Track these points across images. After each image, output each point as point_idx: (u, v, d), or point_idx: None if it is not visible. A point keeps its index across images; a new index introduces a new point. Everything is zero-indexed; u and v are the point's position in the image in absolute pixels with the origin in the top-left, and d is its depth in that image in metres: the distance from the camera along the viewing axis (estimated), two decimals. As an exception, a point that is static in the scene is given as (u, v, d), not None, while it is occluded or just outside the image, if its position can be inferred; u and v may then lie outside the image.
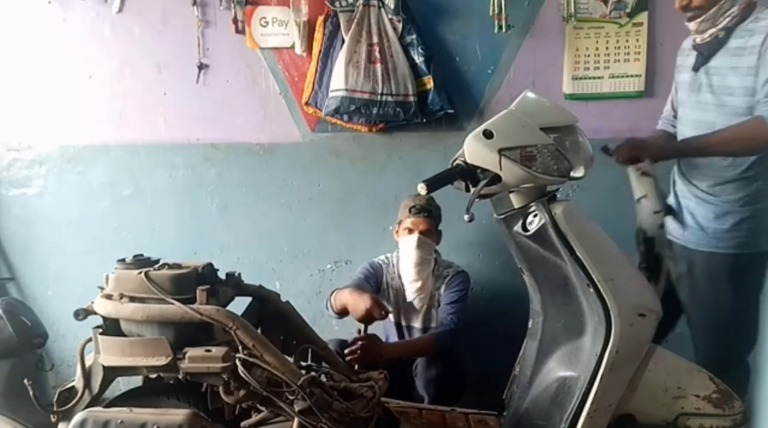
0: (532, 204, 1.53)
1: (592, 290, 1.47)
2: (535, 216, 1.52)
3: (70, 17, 2.80)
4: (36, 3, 2.79)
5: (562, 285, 1.57)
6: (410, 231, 2.43)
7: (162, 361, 1.61)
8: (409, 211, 2.44)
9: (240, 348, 1.63)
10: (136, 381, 1.90)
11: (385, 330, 2.63)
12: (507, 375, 1.98)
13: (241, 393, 1.60)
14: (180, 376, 1.62)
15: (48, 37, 2.82)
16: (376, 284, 2.54)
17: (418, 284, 2.43)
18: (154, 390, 1.83)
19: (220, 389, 1.63)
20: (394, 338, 2.58)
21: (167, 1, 2.77)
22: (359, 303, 2.18)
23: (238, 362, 1.59)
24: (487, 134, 1.47)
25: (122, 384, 2.03)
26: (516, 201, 1.57)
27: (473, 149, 1.48)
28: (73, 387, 1.76)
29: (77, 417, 1.57)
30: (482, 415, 2.03)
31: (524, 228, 1.55)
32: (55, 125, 2.88)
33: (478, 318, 2.64)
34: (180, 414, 1.56)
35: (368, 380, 1.87)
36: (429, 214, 2.43)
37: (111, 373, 1.73)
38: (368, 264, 2.59)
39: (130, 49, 2.81)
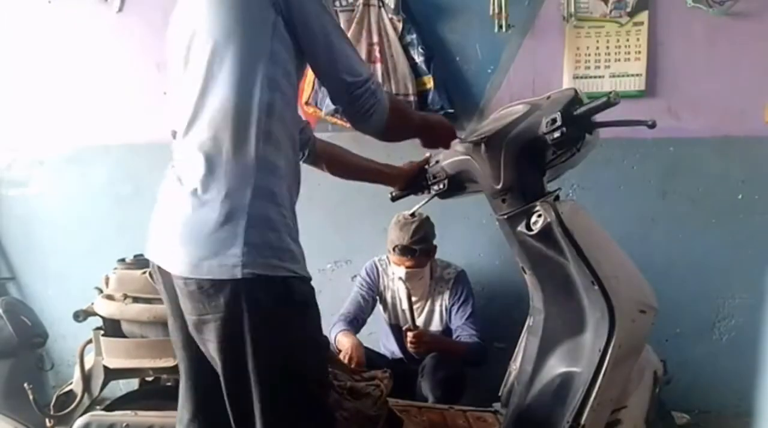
0: (536, 203, 1.53)
1: (596, 287, 1.48)
2: (539, 216, 1.52)
3: (70, 17, 2.80)
4: (36, 3, 2.79)
5: (563, 283, 1.57)
6: (397, 264, 2.43)
7: (170, 363, 1.60)
8: (393, 249, 2.40)
9: None
10: (136, 383, 1.89)
11: (383, 331, 2.64)
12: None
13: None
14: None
15: (48, 37, 2.81)
16: (375, 292, 2.55)
17: (413, 298, 2.43)
18: (152, 393, 1.82)
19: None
20: (391, 339, 2.59)
21: (167, 1, 2.75)
22: (343, 346, 2.30)
23: None
24: None
25: (122, 385, 2.03)
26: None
27: None
28: (71, 390, 1.75)
29: (80, 421, 1.56)
30: (480, 412, 2.04)
31: (528, 227, 1.55)
32: (55, 125, 2.87)
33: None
34: None
35: (373, 379, 1.87)
36: (413, 253, 2.37)
37: (113, 375, 1.72)
38: (365, 271, 2.58)
39: (131, 49, 2.80)
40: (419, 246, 2.37)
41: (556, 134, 1.44)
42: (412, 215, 2.39)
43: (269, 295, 1.13)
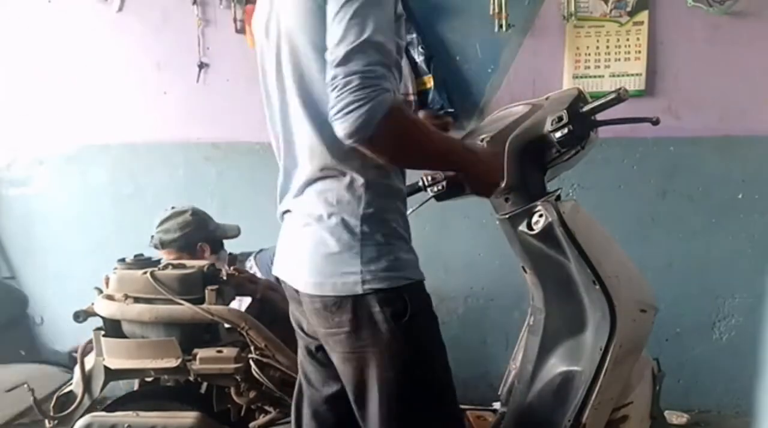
0: (538, 203, 1.53)
1: (597, 287, 1.49)
2: (541, 216, 1.52)
3: (70, 17, 2.80)
4: (36, 3, 2.79)
5: (564, 282, 1.58)
6: None
7: (172, 363, 1.59)
8: None
9: (252, 348, 1.62)
10: (135, 382, 1.88)
11: None
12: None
13: (252, 394, 1.59)
14: (191, 378, 1.61)
15: (48, 37, 2.81)
16: None
17: None
18: (153, 393, 1.82)
19: (232, 390, 1.62)
20: None
21: (167, 0, 2.77)
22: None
23: (251, 362, 1.58)
24: None
25: (122, 385, 2.03)
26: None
27: None
28: (71, 391, 1.74)
29: (82, 422, 1.56)
30: (480, 411, 2.04)
31: (529, 227, 1.55)
32: (55, 125, 2.87)
33: (478, 317, 2.63)
34: (189, 416, 1.55)
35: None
36: None
37: (114, 376, 1.71)
38: None
39: (130, 48, 2.81)
40: None
41: (564, 131, 1.45)
42: None
43: (388, 308, 1.20)
